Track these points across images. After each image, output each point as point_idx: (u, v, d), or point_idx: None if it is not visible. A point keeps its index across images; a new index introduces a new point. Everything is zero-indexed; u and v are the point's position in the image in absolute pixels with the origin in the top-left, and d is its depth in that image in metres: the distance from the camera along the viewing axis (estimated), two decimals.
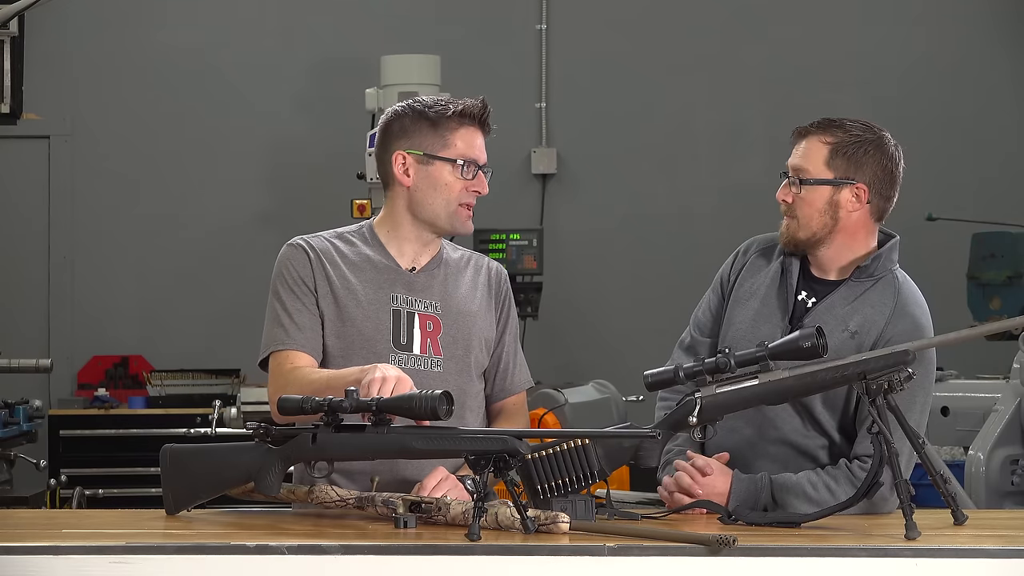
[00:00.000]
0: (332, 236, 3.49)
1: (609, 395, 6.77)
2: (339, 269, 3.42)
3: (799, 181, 3.38)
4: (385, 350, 3.36)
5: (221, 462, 3.16)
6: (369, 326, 3.38)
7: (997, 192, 8.29)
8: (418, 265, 3.46)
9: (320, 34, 8.52)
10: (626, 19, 8.53)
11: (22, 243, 8.48)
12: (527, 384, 3.56)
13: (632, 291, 8.40)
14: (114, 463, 7.57)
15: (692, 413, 3.21)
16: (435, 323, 3.41)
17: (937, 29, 8.47)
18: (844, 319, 3.36)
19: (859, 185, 3.38)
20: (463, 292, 3.47)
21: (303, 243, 3.45)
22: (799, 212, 3.39)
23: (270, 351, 3.39)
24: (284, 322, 3.38)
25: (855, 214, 3.39)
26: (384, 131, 3.47)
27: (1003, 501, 5.48)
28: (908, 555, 2.71)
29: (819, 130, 3.40)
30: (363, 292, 3.40)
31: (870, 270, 3.40)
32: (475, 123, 3.43)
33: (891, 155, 3.42)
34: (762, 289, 3.46)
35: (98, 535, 2.93)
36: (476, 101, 3.44)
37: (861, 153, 3.37)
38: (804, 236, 3.40)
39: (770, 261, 3.50)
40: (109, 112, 8.50)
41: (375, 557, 2.74)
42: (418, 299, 3.42)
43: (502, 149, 8.37)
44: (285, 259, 3.44)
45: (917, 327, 3.34)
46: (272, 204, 8.36)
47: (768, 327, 3.40)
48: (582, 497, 3.06)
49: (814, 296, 3.41)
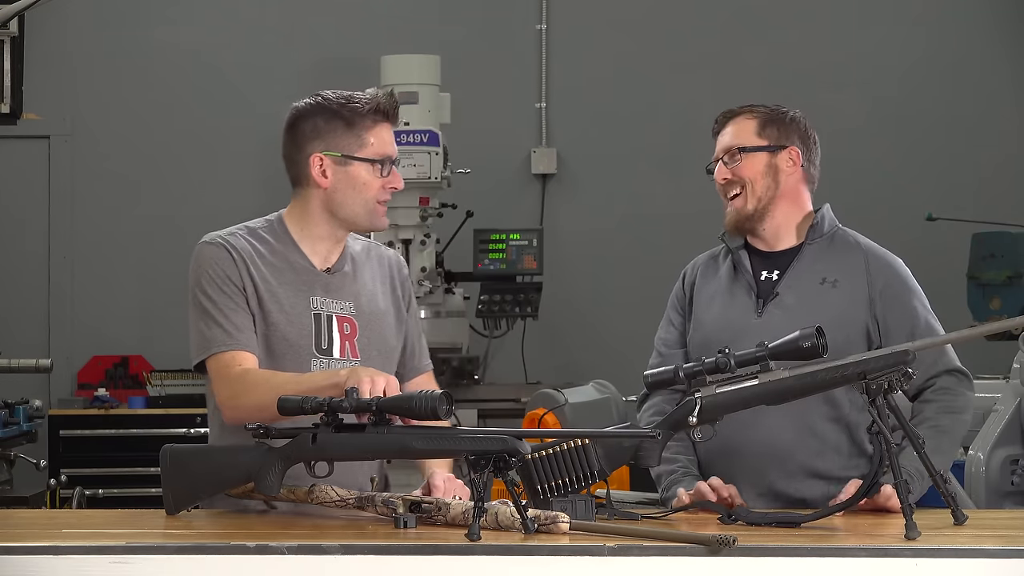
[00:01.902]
0: (246, 234, 3.42)
1: (609, 395, 6.76)
2: (260, 271, 3.37)
3: (737, 151, 3.54)
4: (308, 355, 3.34)
5: (221, 462, 3.16)
6: (293, 331, 3.34)
7: (997, 192, 8.28)
8: (330, 262, 3.43)
9: (320, 34, 8.51)
10: (626, 19, 8.53)
11: (22, 243, 8.47)
12: (429, 366, 3.60)
13: (632, 291, 8.39)
14: (114, 463, 7.56)
15: (692, 413, 3.22)
16: (351, 325, 3.40)
17: (937, 29, 8.47)
18: (818, 273, 3.49)
19: (792, 148, 3.55)
20: (371, 289, 3.46)
21: (223, 242, 3.39)
22: (744, 179, 3.54)
23: (211, 352, 3.33)
24: (221, 322, 3.31)
25: (792, 177, 3.55)
26: (294, 130, 3.40)
27: (1003, 501, 5.48)
28: (908, 555, 2.71)
29: (743, 110, 3.61)
30: (285, 296, 3.36)
31: (821, 228, 3.54)
32: (387, 119, 3.39)
33: (807, 126, 3.62)
34: (722, 286, 3.55)
35: (98, 535, 2.93)
36: (385, 94, 3.39)
37: (787, 121, 3.58)
38: (752, 207, 3.54)
39: (719, 264, 3.62)
40: (109, 112, 8.50)
41: (375, 557, 2.74)
42: (334, 300, 3.40)
43: (502, 149, 8.51)
44: (208, 258, 3.37)
45: (893, 268, 3.50)
46: (272, 204, 8.28)
47: (737, 312, 3.47)
48: (582, 497, 3.06)
49: (776, 270, 3.48)
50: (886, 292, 3.45)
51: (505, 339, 8.00)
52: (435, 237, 7.45)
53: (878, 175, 8.00)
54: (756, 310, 3.47)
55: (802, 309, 3.38)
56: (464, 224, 7.79)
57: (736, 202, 3.55)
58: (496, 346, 7.99)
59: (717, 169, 3.59)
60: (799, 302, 3.44)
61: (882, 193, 7.97)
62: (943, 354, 3.44)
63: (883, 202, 7.95)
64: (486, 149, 8.22)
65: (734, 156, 3.55)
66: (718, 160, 3.59)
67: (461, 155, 7.65)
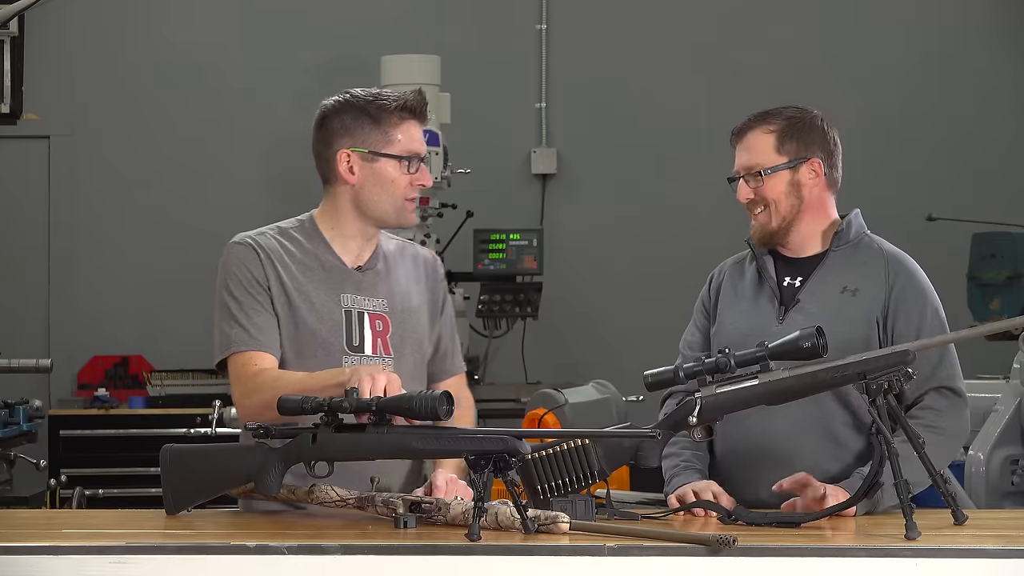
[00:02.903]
0: (276, 233, 3.44)
1: (609, 395, 6.76)
2: (289, 270, 3.38)
3: (759, 174, 3.47)
4: (339, 352, 3.35)
5: (221, 462, 3.16)
6: (323, 329, 3.36)
7: (997, 192, 8.28)
8: (362, 260, 3.44)
9: (320, 34, 8.51)
10: (626, 19, 8.53)
11: (22, 243, 8.47)
12: (462, 368, 3.60)
13: (632, 291, 8.39)
14: (114, 463, 7.56)
15: (692, 413, 3.22)
16: (384, 322, 3.41)
17: (937, 29, 8.47)
18: (840, 282, 3.44)
19: (813, 160, 3.49)
20: (405, 287, 3.47)
21: (251, 242, 3.40)
22: (768, 200, 3.48)
23: (231, 352, 3.35)
24: (243, 322, 3.34)
25: (816, 188, 3.50)
26: (323, 127, 3.42)
27: (1003, 501, 5.48)
28: (908, 555, 2.71)
29: (758, 123, 3.52)
30: (315, 294, 3.38)
31: (847, 235, 3.50)
32: (415, 116, 3.40)
33: (826, 127, 3.54)
34: (747, 290, 3.52)
35: (98, 535, 2.93)
36: (413, 92, 3.41)
37: (806, 131, 3.50)
38: (776, 224, 3.49)
39: (745, 269, 3.58)
40: (109, 112, 8.50)
41: (375, 557, 2.74)
42: (367, 298, 3.41)
43: (502, 149, 8.51)
44: (235, 258, 3.39)
45: (913, 278, 3.44)
46: (272, 204, 8.34)
47: (759, 317, 3.44)
48: (582, 497, 3.06)
49: (800, 276, 3.46)
50: (899, 297, 3.41)
51: (505, 339, 8.00)
52: (435, 237, 7.45)
53: (878, 175, 7.99)
54: (778, 316, 3.44)
55: (822, 316, 3.34)
56: (464, 224, 7.79)
57: (760, 217, 3.50)
58: (496, 346, 7.99)
59: (739, 188, 3.52)
60: (820, 309, 3.41)
61: (882, 193, 7.96)
62: (939, 368, 3.37)
63: (883, 202, 7.94)
64: (486, 149, 8.22)
65: (756, 176, 3.49)
66: (739, 176, 3.53)
67: (461, 155, 7.65)
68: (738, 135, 3.55)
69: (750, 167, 3.50)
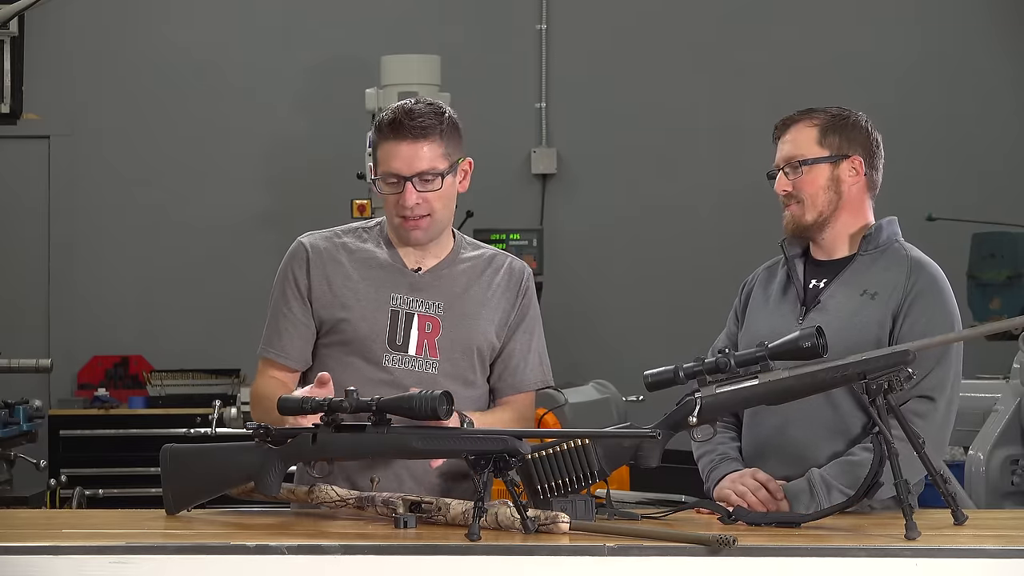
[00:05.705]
0: (345, 231, 3.49)
1: (609, 395, 6.76)
2: (341, 267, 3.41)
3: (798, 164, 3.44)
4: (380, 350, 3.36)
5: (221, 462, 3.16)
6: (365, 326, 3.37)
7: (997, 192, 8.29)
8: (425, 266, 3.44)
9: (320, 34, 8.52)
10: (626, 19, 8.54)
11: (22, 243, 8.48)
12: (536, 384, 3.52)
13: (632, 291, 8.39)
14: (114, 463, 7.56)
15: (692, 413, 3.22)
16: (434, 324, 3.40)
17: (937, 29, 8.48)
18: (861, 285, 3.41)
19: (855, 157, 3.46)
20: (472, 293, 3.44)
21: (306, 243, 3.45)
22: (804, 194, 3.45)
23: (259, 351, 3.45)
24: (272, 325, 3.43)
25: (855, 187, 3.48)
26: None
27: (1003, 501, 5.48)
28: (908, 555, 2.71)
29: (803, 116, 3.48)
30: (363, 290, 3.40)
31: (876, 240, 3.48)
32: (395, 134, 3.36)
33: (870, 128, 3.52)
34: (775, 293, 3.51)
35: (98, 535, 2.93)
36: (392, 109, 3.39)
37: (849, 128, 3.47)
38: (811, 218, 3.45)
39: (775, 273, 3.56)
40: (109, 112, 8.50)
41: (375, 557, 2.74)
42: (420, 300, 3.41)
43: (502, 149, 8.50)
44: (289, 257, 3.46)
45: (932, 283, 3.41)
46: (272, 204, 8.36)
47: (782, 318, 3.42)
48: (582, 497, 3.06)
49: (825, 278, 3.45)
50: (913, 299, 3.37)
51: None
52: None
53: None
54: (799, 317, 3.43)
55: (840, 319, 3.33)
56: (464, 224, 7.79)
57: (793, 208, 3.46)
58: None
59: (778, 179, 3.48)
60: (838, 311, 3.39)
61: (882, 193, 7.95)
62: (925, 378, 3.30)
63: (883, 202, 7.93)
64: (486, 149, 8.18)
65: (796, 168, 3.45)
66: (779, 169, 3.48)
67: None
68: (781, 128, 3.51)
69: (790, 158, 3.46)
